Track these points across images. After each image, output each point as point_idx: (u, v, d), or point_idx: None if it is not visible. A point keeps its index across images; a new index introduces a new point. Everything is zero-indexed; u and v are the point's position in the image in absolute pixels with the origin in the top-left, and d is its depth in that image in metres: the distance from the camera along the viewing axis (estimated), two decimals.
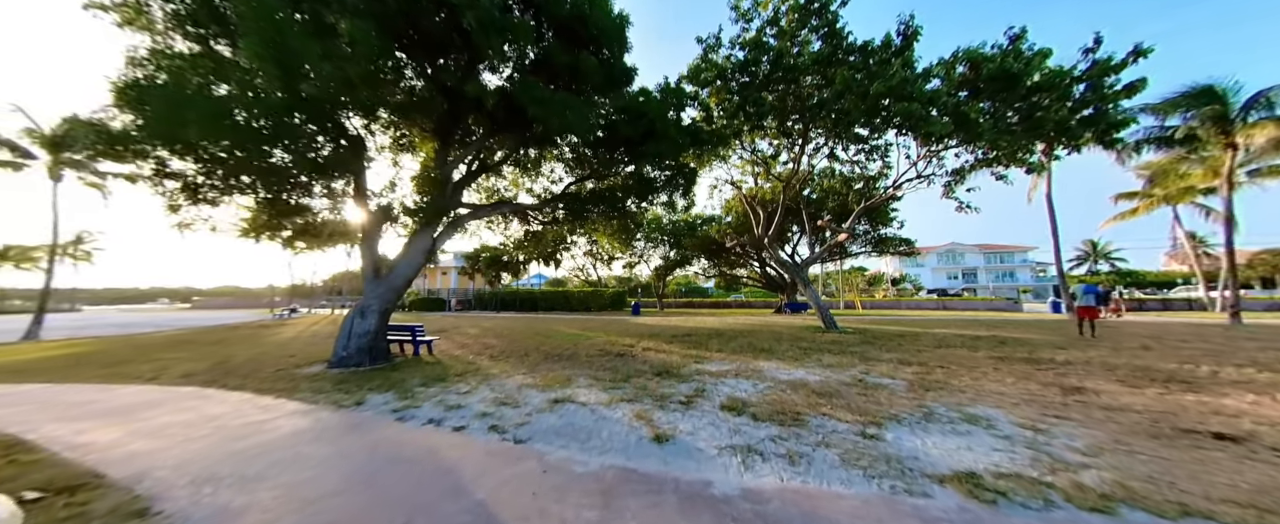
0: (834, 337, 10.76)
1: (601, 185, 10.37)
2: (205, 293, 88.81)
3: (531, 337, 11.58)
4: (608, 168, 9.78)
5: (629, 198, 10.32)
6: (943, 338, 10.30)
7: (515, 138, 7.60)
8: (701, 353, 8.08)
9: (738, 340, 10.08)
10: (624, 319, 19.50)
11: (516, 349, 8.93)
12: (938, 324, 15.19)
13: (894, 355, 7.58)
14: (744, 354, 7.89)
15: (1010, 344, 9.04)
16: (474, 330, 13.93)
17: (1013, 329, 12.77)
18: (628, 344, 9.54)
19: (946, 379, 5.65)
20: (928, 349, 8.39)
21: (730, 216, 23.29)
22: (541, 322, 18.22)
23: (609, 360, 7.37)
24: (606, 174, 10.23)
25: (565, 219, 11.60)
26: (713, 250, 24.53)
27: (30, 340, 13.11)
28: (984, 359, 7.17)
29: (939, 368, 6.41)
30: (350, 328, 7.13)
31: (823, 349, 8.40)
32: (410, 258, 7.71)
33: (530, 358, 7.77)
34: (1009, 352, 7.96)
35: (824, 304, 12.89)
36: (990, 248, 62.05)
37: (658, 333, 12.15)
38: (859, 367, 6.54)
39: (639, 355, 7.96)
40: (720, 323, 16.10)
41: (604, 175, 10.27)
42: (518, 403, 4.64)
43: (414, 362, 7.43)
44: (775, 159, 13.64)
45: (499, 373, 6.39)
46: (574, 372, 6.37)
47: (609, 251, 31.90)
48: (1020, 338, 10.20)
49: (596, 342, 10.21)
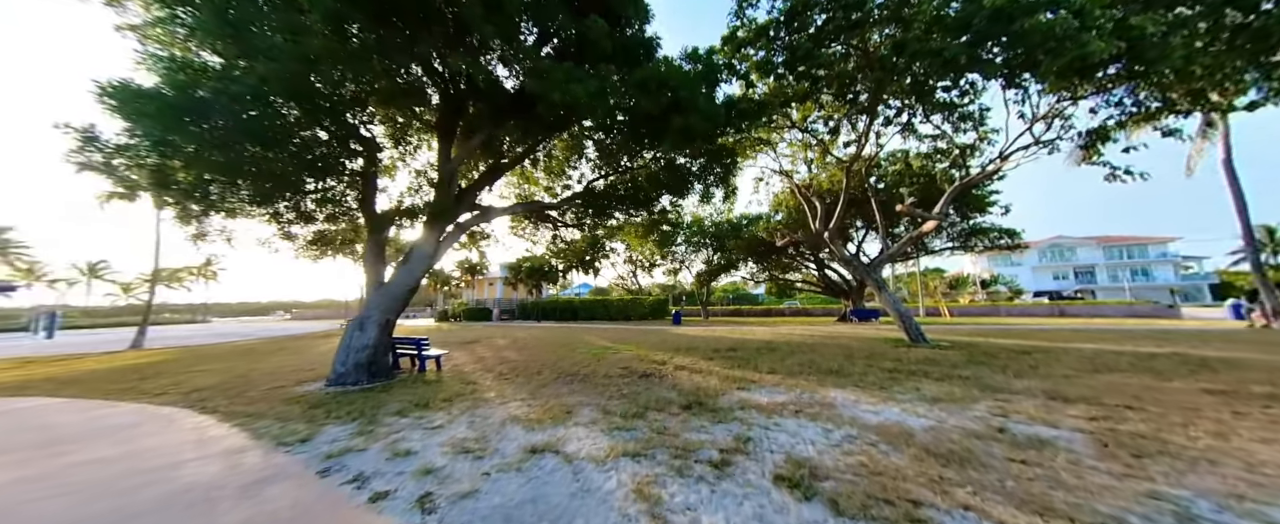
0: (925, 353, 8.36)
1: (627, 179, 9.11)
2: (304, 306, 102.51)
3: (556, 349, 10.52)
4: (631, 156, 8.48)
5: (658, 192, 8.93)
6: (1092, 356, 7.50)
7: (522, 125, 6.60)
8: (748, 375, 6.35)
9: (795, 357, 8.13)
10: (663, 329, 17.96)
11: (532, 365, 7.84)
12: (1066, 336, 11.77)
13: (1033, 383, 5.29)
14: (805, 377, 6.04)
15: (1215, 368, 6.16)
16: (502, 341, 13.26)
17: (1190, 343, 9.28)
18: (659, 361, 8.05)
19: (1157, 432, 3.47)
20: (1081, 374, 5.90)
21: (780, 214, 20.90)
22: (576, 332, 17.29)
23: (630, 383, 5.95)
24: (631, 165, 8.95)
25: (590, 218, 10.50)
26: (761, 252, 22.17)
27: (134, 348, 14.78)
28: (1192, 394, 4.68)
29: (1127, 409, 4.14)
30: (349, 342, 6.46)
31: (916, 372, 6.26)
32: (412, 264, 6.96)
33: (540, 377, 6.60)
34: (1227, 381, 5.26)
35: (907, 311, 10.37)
36: (1112, 241, 51.51)
37: (696, 346, 10.49)
38: (985, 402, 4.47)
39: (669, 376, 6.45)
40: (772, 334, 13.95)
41: (628, 167, 9.00)
42: (486, 449, 3.39)
43: (415, 380, 6.59)
44: (834, 138, 11.47)
45: (495, 397, 5.25)
46: (582, 399, 5.04)
47: (649, 258, 30.63)
48: (1220, 358, 7.10)
49: (624, 357, 8.84)
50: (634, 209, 9.45)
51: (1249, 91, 5.68)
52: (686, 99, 6.67)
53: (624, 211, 9.78)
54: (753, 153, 13.47)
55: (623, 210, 9.68)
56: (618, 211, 9.95)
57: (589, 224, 11.02)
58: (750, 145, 12.70)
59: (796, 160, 14.25)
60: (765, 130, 11.58)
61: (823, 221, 11.70)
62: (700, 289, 28.08)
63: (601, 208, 9.19)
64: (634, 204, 9.17)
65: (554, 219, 11.83)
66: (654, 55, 7.12)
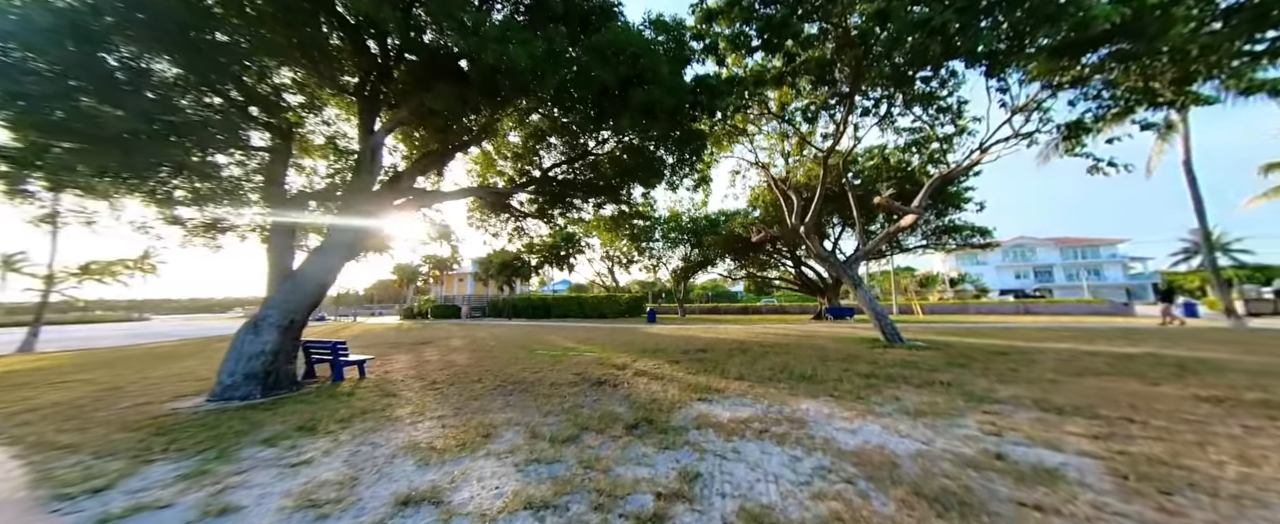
0: (902, 354, 7.92)
1: (589, 165, 8.24)
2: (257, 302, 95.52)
3: (513, 351, 9.59)
4: (591, 136, 7.61)
5: (623, 180, 8.11)
6: (1069, 358, 7.21)
7: (458, 94, 5.63)
8: (713, 382, 5.66)
9: (767, 359, 7.52)
10: (636, 328, 17.23)
11: (475, 371, 6.92)
12: (1037, 335, 11.72)
13: (1018, 391, 4.81)
14: (776, 384, 5.39)
15: (1194, 370, 5.89)
16: (459, 342, 12.19)
17: (1157, 342, 9.24)
18: (618, 365, 7.27)
19: (1175, 455, 2.94)
20: (1065, 379, 5.49)
21: (758, 210, 20.48)
22: (542, 331, 16.33)
23: (577, 394, 5.15)
24: (590, 148, 8.08)
25: (552, 208, 9.58)
26: (738, 249, 21.73)
27: (23, 352, 12.85)
28: (1188, 402, 4.27)
29: (1129, 423, 3.65)
30: (239, 348, 5.37)
31: (895, 377, 5.72)
32: (326, 255, 5.90)
33: (478, 386, 5.70)
34: (1216, 386, 4.92)
35: (882, 310, 9.98)
36: (1068, 242, 54.22)
37: (665, 347, 9.78)
38: (973, 415, 3.90)
39: (624, 383, 5.68)
40: (747, 333, 13.43)
41: (590, 151, 8.12)
42: (345, 500, 2.52)
43: (325, 392, 5.56)
44: (812, 128, 10.94)
45: (407, 415, 4.34)
46: (512, 416, 4.20)
47: (625, 255, 29.83)
48: (1194, 358, 6.91)
49: (583, 360, 8.02)
50: (598, 198, 8.60)
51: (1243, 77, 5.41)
52: (649, 70, 5.87)
53: (588, 201, 8.91)
54: (729, 145, 12.85)
55: (586, 199, 8.81)
56: (581, 201, 9.06)
57: (552, 214, 10.08)
58: (725, 135, 12.06)
59: (774, 152, 13.73)
60: (741, 118, 10.93)
61: (799, 216, 11.19)
62: (676, 286, 27.52)
63: (561, 196, 8.29)
64: (597, 192, 8.31)
65: (514, 209, 10.86)
66: (613, 21, 6.28)
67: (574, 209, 10.48)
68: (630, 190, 10.64)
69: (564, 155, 8.82)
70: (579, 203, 9.60)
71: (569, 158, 8.68)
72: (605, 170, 8.03)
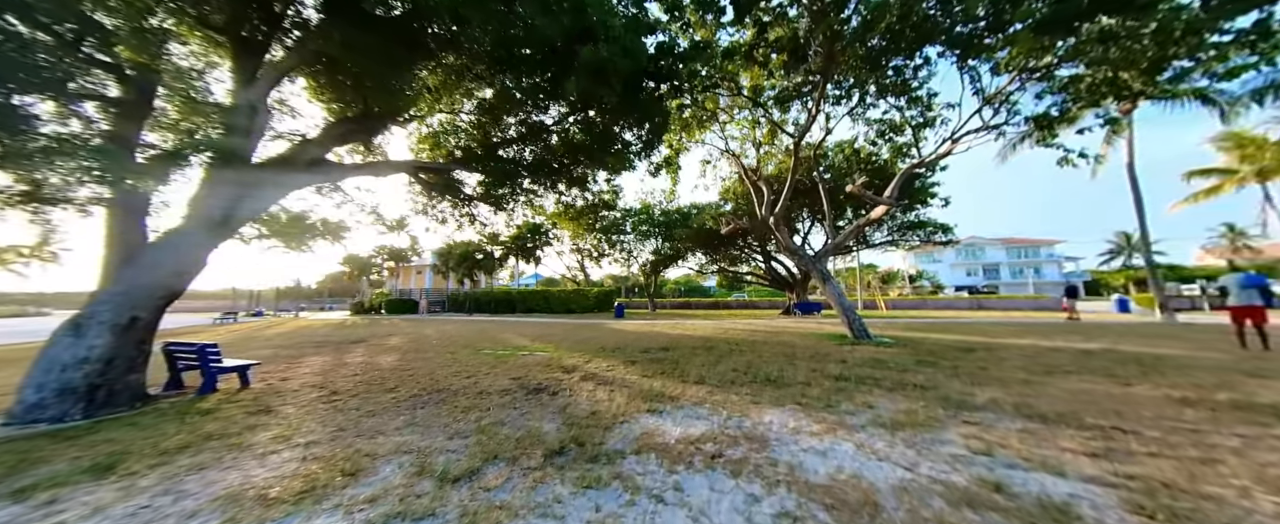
0: (871, 352, 7.57)
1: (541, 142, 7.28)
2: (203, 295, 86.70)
3: (456, 351, 8.55)
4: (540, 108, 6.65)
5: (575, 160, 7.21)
6: (1034, 355, 7.06)
7: (360, 41, 4.54)
8: (668, 388, 4.96)
9: (732, 359, 6.93)
10: (601, 323, 16.43)
11: (393, 378, 5.89)
12: (995, 331, 11.89)
13: (996, 394, 4.40)
14: (738, 389, 4.75)
15: (1155, 367, 5.79)
16: (398, 340, 10.93)
17: (1110, 337, 9.45)
18: (567, 368, 6.45)
19: (1191, 478, 2.49)
20: (1037, 379, 5.19)
21: (729, 204, 20.10)
22: (500, 328, 15.21)
23: (505, 405, 4.30)
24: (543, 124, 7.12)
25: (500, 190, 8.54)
26: (711, 243, 21.32)
27: None
28: (1170, 406, 3.98)
29: (1122, 433, 3.23)
30: (52, 355, 4.12)
31: (866, 379, 5.23)
32: (185, 235, 4.67)
33: (390, 396, 4.72)
34: (1185, 386, 4.73)
35: (850, 305, 9.68)
36: (1014, 242, 58.09)
37: (625, 346, 9.04)
38: (955, 427, 3.38)
39: (567, 390, 4.88)
40: (714, 329, 12.94)
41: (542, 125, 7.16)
42: None
43: (179, 408, 4.39)
44: (785, 116, 10.44)
45: (263, 442, 3.34)
46: (409, 439, 3.31)
47: (596, 248, 28.85)
48: (1150, 354, 6.92)
49: (530, 361, 7.14)
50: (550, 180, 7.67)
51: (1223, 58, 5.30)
52: (599, 25, 5.00)
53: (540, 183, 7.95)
54: (700, 132, 12.19)
55: (537, 181, 7.85)
56: (531, 182, 8.08)
57: (502, 198, 9.04)
58: (696, 120, 11.37)
59: (745, 142, 13.23)
60: (711, 101, 10.26)
61: (769, 208, 10.71)
62: (646, 281, 26.90)
63: (510, 177, 7.29)
64: (549, 174, 7.38)
65: (461, 193, 9.70)
66: None
67: (527, 194, 9.47)
68: (590, 175, 9.77)
69: (517, 133, 7.81)
70: (531, 186, 8.60)
71: (520, 135, 7.68)
72: (557, 148, 7.10)
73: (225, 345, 10.56)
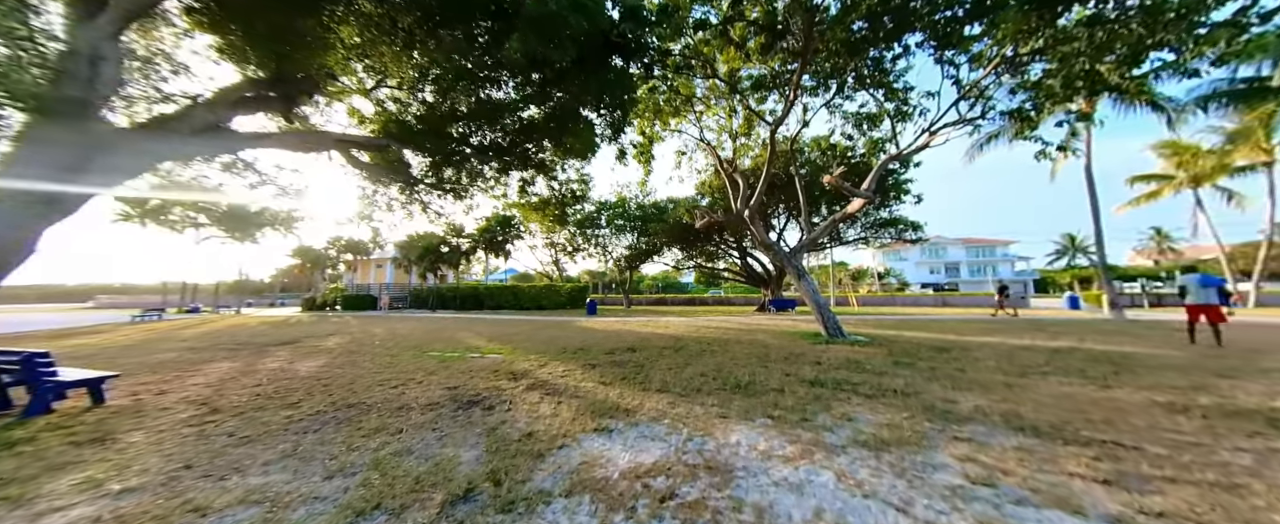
0: (846, 352, 7.23)
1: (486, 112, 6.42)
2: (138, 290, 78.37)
3: (399, 354, 7.62)
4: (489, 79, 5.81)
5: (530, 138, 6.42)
6: (1008, 354, 6.91)
7: None
8: (625, 398, 4.33)
9: (702, 361, 6.39)
10: (571, 321, 15.66)
11: (304, 389, 4.99)
12: (960, 327, 11.98)
13: (980, 401, 4.04)
14: (703, 399, 4.19)
15: (1126, 366, 5.68)
16: (339, 341, 9.80)
17: (1070, 335, 9.59)
18: (517, 372, 5.72)
19: (1212, 508, 2.08)
20: (1017, 382, 4.91)
21: (707, 199, 19.68)
22: (460, 325, 14.17)
23: (425, 424, 3.55)
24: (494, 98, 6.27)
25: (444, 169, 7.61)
26: (685, 238, 20.87)
27: None
28: (1161, 413, 3.72)
29: (1127, 452, 2.87)
30: None
31: (843, 384, 4.79)
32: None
33: (279, 417, 3.86)
34: (1164, 389, 4.55)
35: (824, 301, 9.38)
36: (973, 242, 61.15)
37: (589, 346, 8.36)
38: (945, 446, 2.93)
39: (508, 402, 4.17)
40: (687, 327, 12.45)
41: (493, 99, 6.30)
42: None
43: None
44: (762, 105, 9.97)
45: (66, 490, 2.48)
46: (268, 479, 2.54)
47: (570, 242, 27.90)
48: (1118, 353, 6.91)
49: (478, 365, 6.35)
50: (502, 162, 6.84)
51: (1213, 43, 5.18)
52: None
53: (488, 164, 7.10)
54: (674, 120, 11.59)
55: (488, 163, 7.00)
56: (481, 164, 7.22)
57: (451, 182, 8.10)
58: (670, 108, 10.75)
59: (722, 134, 12.74)
60: (685, 84, 9.64)
61: (744, 201, 10.26)
62: (621, 276, 26.24)
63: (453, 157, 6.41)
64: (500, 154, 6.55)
65: (410, 177, 8.68)
66: None
67: (481, 178, 8.57)
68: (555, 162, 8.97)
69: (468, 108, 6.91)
70: (482, 168, 7.72)
71: (471, 111, 6.79)
72: (510, 126, 6.29)
73: (124, 348, 9.13)
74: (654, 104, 10.26)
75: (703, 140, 11.95)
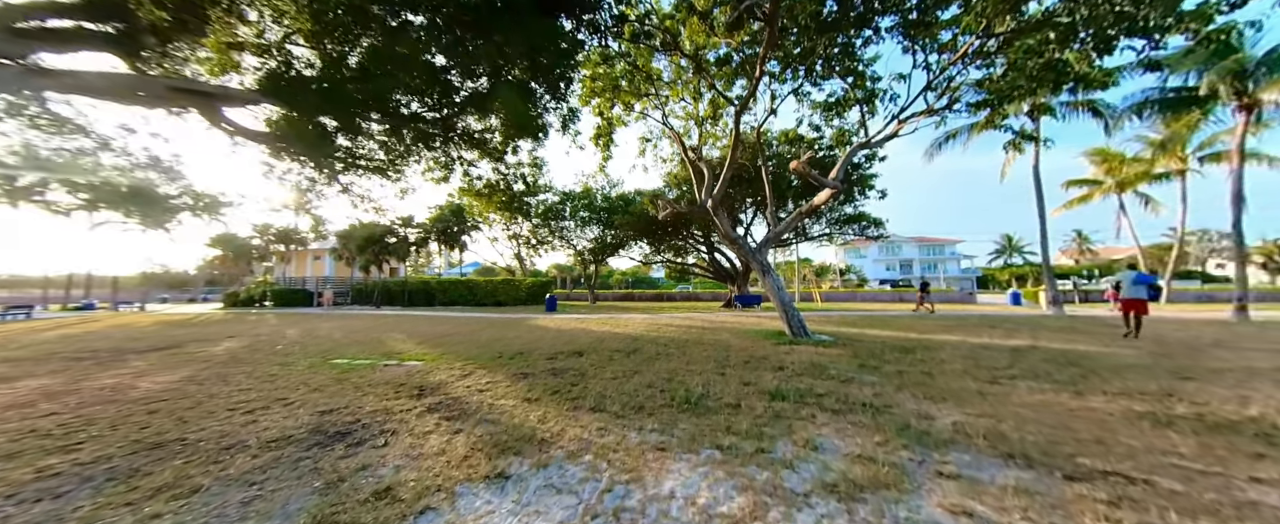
0: (810, 352, 6.74)
1: (393, 59, 5.24)
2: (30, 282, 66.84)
3: (292, 362, 6.34)
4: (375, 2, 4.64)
5: (445, 95, 5.32)
6: (969, 354, 6.66)
7: None
8: (546, 421, 3.48)
9: (652, 368, 5.63)
10: (526, 319, 14.54)
11: (113, 420, 3.75)
12: (918, 325, 12.01)
13: (956, 415, 3.52)
14: (640, 422, 3.41)
15: (1088, 368, 5.49)
16: (225, 346, 8.23)
17: (1022, 332, 9.69)
18: (423, 388, 4.71)
19: None
20: (988, 390, 4.51)
21: (675, 191, 19.01)
22: (397, 324, 12.71)
23: (241, 480, 2.53)
24: (384, 44, 5.10)
25: (347, 133, 6.34)
26: (652, 231, 20.15)
27: None
28: (1146, 428, 3.33)
29: (1135, 487, 2.35)
30: None
31: (806, 396, 4.18)
32: None
33: (29, 472, 2.69)
34: (1137, 395, 4.27)
35: (788, 299, 8.93)
36: (925, 241, 64.74)
37: (532, 350, 7.42)
38: (934, 493, 2.29)
39: (389, 433, 3.20)
40: (649, 325, 11.73)
41: (385, 45, 5.13)
42: None
43: None
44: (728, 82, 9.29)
45: None
46: None
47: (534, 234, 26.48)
48: (1078, 352, 6.83)
49: (379, 379, 5.27)
50: (413, 129, 5.71)
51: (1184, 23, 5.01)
52: None
53: (397, 134, 5.94)
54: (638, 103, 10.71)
55: (398, 131, 5.83)
56: (405, 137, 6.03)
57: (361, 158, 6.81)
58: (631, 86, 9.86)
59: (688, 121, 12.03)
60: (644, 56, 8.78)
61: (708, 190, 9.59)
62: (585, 271, 25.22)
63: (349, 120, 5.20)
64: (416, 122, 5.42)
65: (323, 151, 7.27)
66: None
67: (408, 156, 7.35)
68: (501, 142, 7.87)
69: (368, 60, 5.66)
70: (406, 143, 6.51)
71: (373, 63, 5.56)
72: (421, 85, 5.16)
73: None
74: (611, 80, 9.33)
75: (667, 125, 11.17)
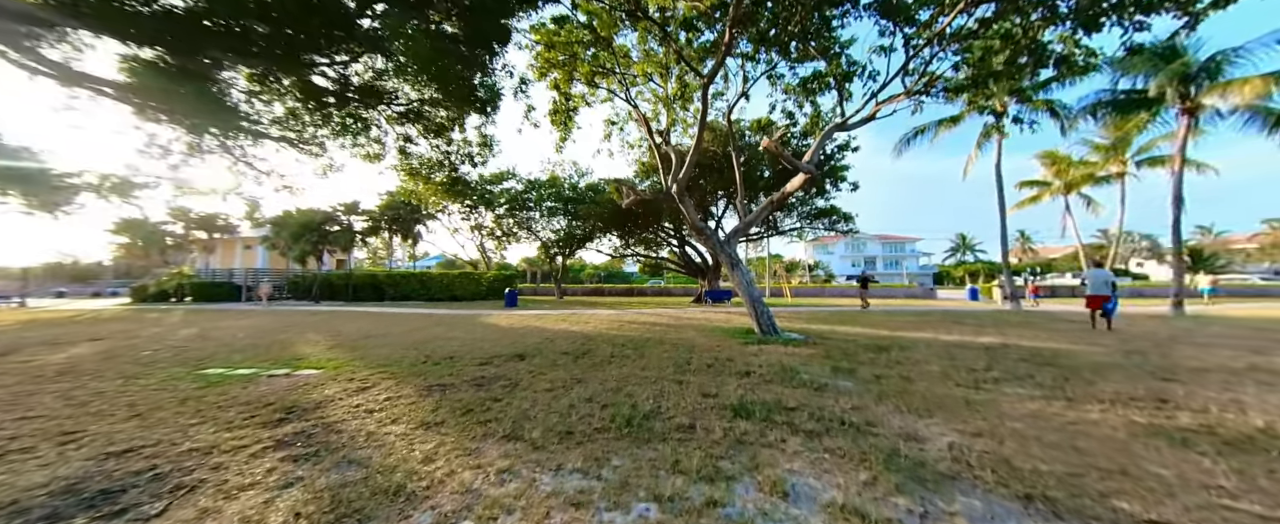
0: (780, 353, 6.13)
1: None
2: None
3: (149, 373, 5.03)
4: None
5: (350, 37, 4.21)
6: (945, 353, 6.26)
7: None
8: (439, 456, 2.56)
9: (599, 375, 4.79)
10: (478, 316, 13.33)
11: None
12: (888, 321, 11.85)
13: (949, 434, 2.91)
14: (561, 456, 2.55)
15: (1065, 368, 5.16)
16: (77, 351, 6.67)
17: (988, 329, 9.58)
18: (288, 411, 3.67)
19: None
20: (974, 398, 4.00)
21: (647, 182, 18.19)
22: (325, 321, 11.20)
23: None
24: None
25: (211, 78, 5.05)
26: (621, 222, 19.25)
27: None
28: (1157, 445, 2.83)
29: None
30: None
31: (774, 411, 3.48)
32: None
33: None
34: (1135, 402, 3.86)
35: (758, 295, 8.33)
36: (887, 238, 67.48)
37: (465, 353, 6.40)
38: None
39: (178, 492, 2.16)
40: (612, 323, 10.89)
41: None
42: None
43: None
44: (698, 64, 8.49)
45: None
46: None
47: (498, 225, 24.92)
48: (1049, 349, 6.59)
49: (243, 400, 4.14)
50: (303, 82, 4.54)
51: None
52: None
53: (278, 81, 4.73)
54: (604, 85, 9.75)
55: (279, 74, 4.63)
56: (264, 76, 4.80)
57: (248, 119, 5.50)
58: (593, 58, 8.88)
59: (657, 103, 11.18)
60: (604, 21, 7.81)
61: (674, 175, 8.81)
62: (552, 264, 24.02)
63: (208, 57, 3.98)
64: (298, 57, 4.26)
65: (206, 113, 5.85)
66: None
67: (322, 121, 6.09)
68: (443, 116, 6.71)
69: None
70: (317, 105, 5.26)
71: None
72: (315, 26, 4.01)
73: None
74: (569, 49, 8.31)
75: (633, 104, 10.26)
